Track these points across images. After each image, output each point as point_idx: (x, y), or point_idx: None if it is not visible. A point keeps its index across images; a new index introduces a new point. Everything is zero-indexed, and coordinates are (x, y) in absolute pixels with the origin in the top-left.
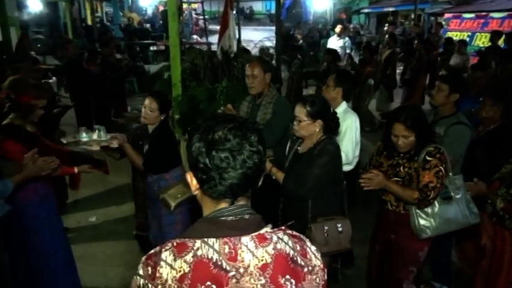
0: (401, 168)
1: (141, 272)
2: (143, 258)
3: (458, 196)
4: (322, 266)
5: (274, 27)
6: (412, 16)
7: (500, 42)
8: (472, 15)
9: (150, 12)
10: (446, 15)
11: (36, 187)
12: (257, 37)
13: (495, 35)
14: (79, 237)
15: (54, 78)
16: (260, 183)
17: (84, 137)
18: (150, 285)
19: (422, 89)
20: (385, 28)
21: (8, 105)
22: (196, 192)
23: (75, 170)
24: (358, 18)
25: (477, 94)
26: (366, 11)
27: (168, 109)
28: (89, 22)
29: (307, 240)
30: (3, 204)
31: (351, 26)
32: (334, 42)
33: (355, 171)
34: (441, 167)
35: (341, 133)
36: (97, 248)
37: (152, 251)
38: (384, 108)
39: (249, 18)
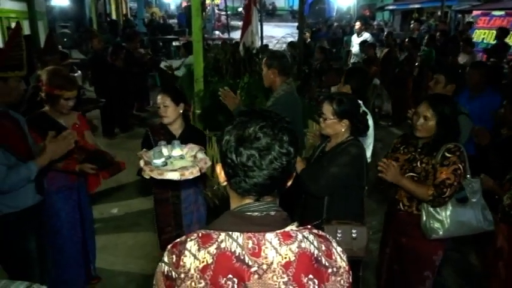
0: (418, 164)
1: (166, 259)
2: (169, 246)
3: (474, 200)
4: (347, 268)
5: (296, 24)
6: (439, 13)
7: None
8: (501, 12)
9: (173, 7)
10: (475, 13)
11: (55, 178)
12: (279, 33)
13: (501, 32)
14: (102, 228)
15: (79, 72)
16: (289, 184)
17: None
18: (173, 273)
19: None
20: (411, 25)
21: (42, 94)
22: (225, 184)
23: (76, 168)
24: (382, 15)
25: (471, 91)
26: (391, 7)
27: (182, 100)
28: (114, 17)
29: (333, 240)
30: (34, 193)
31: (375, 23)
32: (355, 40)
33: None
34: (460, 165)
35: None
36: (119, 239)
37: (178, 239)
38: (384, 108)
39: (271, 14)
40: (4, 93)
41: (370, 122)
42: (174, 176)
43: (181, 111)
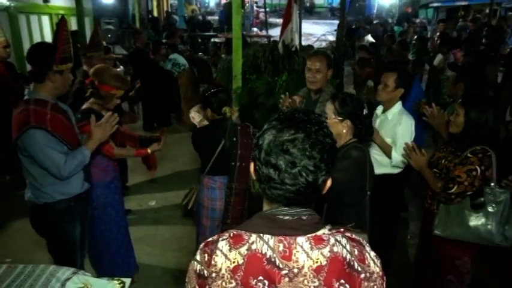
0: (443, 161)
1: (198, 257)
2: (201, 245)
3: (491, 210)
4: (381, 273)
5: (335, 21)
6: (487, 11)
7: None
8: None
9: (212, 5)
10: None
11: (107, 169)
12: (317, 31)
13: None
14: (140, 219)
15: (121, 67)
16: (319, 195)
17: None
18: (205, 272)
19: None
20: (459, 24)
21: (90, 91)
22: (256, 180)
23: (148, 150)
24: (426, 12)
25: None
26: (435, 4)
27: (209, 104)
28: (155, 14)
29: (367, 245)
30: (82, 181)
31: (417, 20)
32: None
33: (405, 175)
34: (477, 167)
35: (396, 136)
36: (156, 231)
37: (210, 238)
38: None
39: (310, 11)
40: (59, 85)
41: (413, 127)
42: None
43: (209, 115)
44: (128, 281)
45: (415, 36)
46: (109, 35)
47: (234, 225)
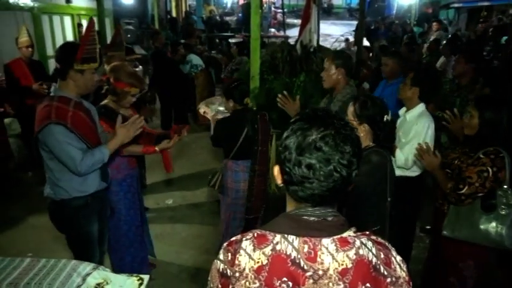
0: (456, 161)
1: (221, 257)
2: (225, 244)
3: (503, 212)
4: (407, 278)
5: (353, 22)
6: (511, 11)
7: None
8: None
9: (230, 5)
10: None
11: (120, 166)
12: (335, 31)
13: None
14: (157, 217)
15: (140, 67)
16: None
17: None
18: (229, 271)
19: None
20: (479, 25)
21: (106, 88)
22: (282, 184)
23: (156, 148)
24: (447, 13)
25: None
26: (456, 5)
27: (232, 96)
28: (174, 14)
29: (393, 249)
30: (99, 180)
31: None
32: None
33: (422, 178)
34: (489, 168)
35: (408, 136)
36: (173, 229)
37: (234, 238)
38: None
39: (328, 12)
40: (81, 84)
41: (431, 130)
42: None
43: (231, 105)
44: (146, 277)
45: (431, 38)
46: (128, 35)
47: (257, 201)
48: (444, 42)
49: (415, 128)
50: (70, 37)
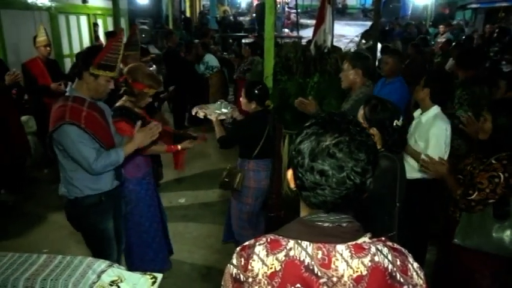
0: (468, 167)
1: (234, 261)
2: (238, 249)
3: None
4: (424, 285)
5: (367, 22)
6: None
7: None
8: None
9: (244, 5)
10: None
11: (139, 165)
12: (349, 32)
13: None
14: (170, 216)
15: (154, 66)
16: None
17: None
18: (241, 276)
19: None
20: (487, 26)
21: (124, 89)
22: (296, 189)
23: (179, 147)
24: (463, 14)
25: (386, 77)
26: (474, 6)
27: (254, 99)
28: (188, 14)
29: (410, 255)
30: (113, 179)
31: (454, 22)
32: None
33: (434, 181)
34: (501, 174)
35: (427, 141)
36: (185, 228)
37: (247, 242)
38: None
39: (342, 12)
40: (92, 88)
41: (448, 133)
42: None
43: (253, 107)
44: (159, 276)
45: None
46: (143, 35)
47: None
48: (454, 44)
49: (433, 131)
50: (86, 36)
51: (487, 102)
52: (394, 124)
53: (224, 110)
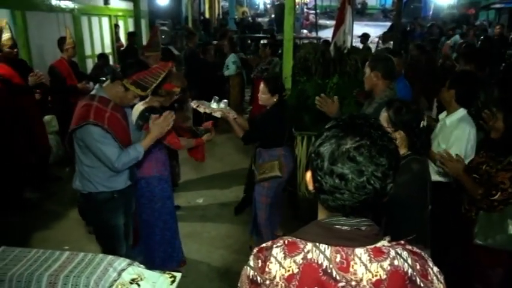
0: (484, 166)
1: (251, 263)
2: (255, 250)
3: None
4: None
5: (387, 23)
6: None
7: None
8: None
9: (262, 6)
10: None
11: (157, 165)
12: (369, 33)
13: None
14: (188, 215)
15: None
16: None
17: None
18: (259, 278)
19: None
20: (497, 27)
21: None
22: (313, 191)
23: (204, 139)
24: (487, 14)
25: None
26: (498, 6)
27: (278, 91)
28: (207, 15)
29: (430, 259)
30: (127, 179)
31: (477, 22)
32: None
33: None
34: None
35: (448, 143)
36: (203, 228)
37: (264, 244)
38: None
39: (361, 13)
40: (119, 96)
41: (472, 136)
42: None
43: (275, 100)
44: (178, 275)
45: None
46: (163, 36)
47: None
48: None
49: (456, 133)
50: (107, 37)
51: (493, 103)
52: (421, 125)
53: (222, 106)
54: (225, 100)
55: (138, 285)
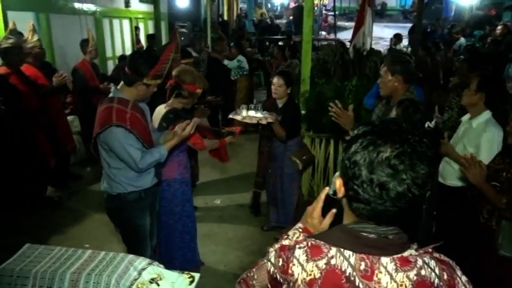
0: (504, 174)
1: (272, 260)
2: (277, 247)
3: None
4: None
5: (407, 24)
6: None
7: None
8: None
9: (280, 9)
10: None
11: (179, 167)
12: (388, 35)
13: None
14: (206, 216)
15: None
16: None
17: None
18: (279, 277)
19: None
20: (498, 27)
21: (177, 92)
22: (341, 196)
23: (227, 140)
24: (511, 15)
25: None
26: None
27: (292, 83)
28: (225, 17)
29: (458, 268)
30: (153, 177)
31: (500, 24)
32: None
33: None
34: None
35: (477, 146)
36: (220, 229)
37: (286, 242)
38: None
39: (381, 14)
40: (141, 94)
41: (500, 138)
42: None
43: (288, 93)
44: (197, 275)
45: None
46: (182, 38)
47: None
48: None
49: (486, 137)
50: (128, 39)
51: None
52: (426, 126)
53: (265, 112)
54: (259, 103)
55: (158, 284)
